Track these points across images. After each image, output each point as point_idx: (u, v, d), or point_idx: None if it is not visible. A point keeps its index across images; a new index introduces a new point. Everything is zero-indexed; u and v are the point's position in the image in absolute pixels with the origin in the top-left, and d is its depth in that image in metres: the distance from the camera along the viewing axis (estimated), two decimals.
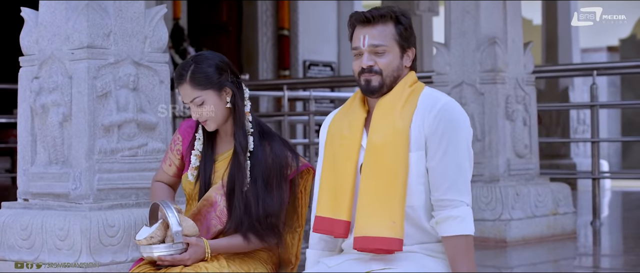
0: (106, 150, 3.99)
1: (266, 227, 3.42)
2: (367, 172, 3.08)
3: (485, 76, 6.66)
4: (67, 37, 4.01)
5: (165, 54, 4.21)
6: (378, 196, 3.04)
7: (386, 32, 3.12)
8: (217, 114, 3.44)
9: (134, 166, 4.07)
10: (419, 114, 3.08)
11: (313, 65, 14.26)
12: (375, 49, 3.11)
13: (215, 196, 3.48)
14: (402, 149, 3.05)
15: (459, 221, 3.04)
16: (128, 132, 4.05)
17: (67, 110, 3.99)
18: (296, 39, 13.99)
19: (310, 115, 10.23)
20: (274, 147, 3.48)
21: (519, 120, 6.73)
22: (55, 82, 4.02)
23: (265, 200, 3.42)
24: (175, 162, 3.62)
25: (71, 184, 3.98)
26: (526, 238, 6.53)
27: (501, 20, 6.71)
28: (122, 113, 4.03)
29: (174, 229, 3.28)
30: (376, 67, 3.11)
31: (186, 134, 3.60)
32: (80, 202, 3.95)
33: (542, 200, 6.69)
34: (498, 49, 6.61)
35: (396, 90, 3.13)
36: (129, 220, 3.92)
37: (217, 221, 3.47)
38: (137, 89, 4.08)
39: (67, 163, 4.02)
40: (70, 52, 4.00)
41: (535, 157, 6.85)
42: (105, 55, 4.00)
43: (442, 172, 3.05)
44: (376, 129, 3.10)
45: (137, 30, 4.11)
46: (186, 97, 3.44)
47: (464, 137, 3.09)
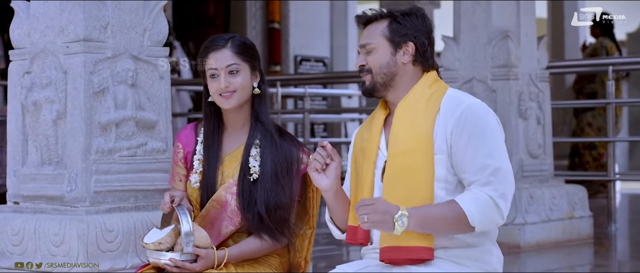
0: (103, 150, 3.97)
1: (276, 221, 3.43)
2: (390, 179, 3.09)
3: (497, 72, 6.66)
4: (62, 29, 3.99)
5: (165, 48, 4.20)
6: (403, 202, 3.03)
7: (376, 30, 3.17)
8: (245, 90, 3.47)
9: (132, 167, 4.05)
10: (441, 117, 3.09)
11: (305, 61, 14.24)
12: (365, 48, 3.18)
13: (225, 195, 3.48)
14: (426, 155, 3.06)
15: (469, 197, 3.00)
16: (126, 131, 4.03)
17: (61, 107, 3.98)
18: (287, 33, 13.96)
19: (305, 113, 10.23)
20: (283, 141, 3.50)
21: (533, 118, 6.73)
22: (49, 78, 4.00)
23: (276, 189, 3.43)
24: (183, 175, 3.60)
25: (66, 186, 3.96)
26: (541, 243, 6.54)
27: (514, 13, 6.71)
28: (120, 110, 4.01)
29: (186, 239, 3.27)
30: (367, 66, 3.18)
31: (187, 140, 3.59)
32: (75, 205, 3.94)
33: (557, 203, 6.69)
34: (511, 43, 6.61)
35: (415, 92, 3.15)
36: (129, 225, 3.91)
37: (229, 222, 3.47)
38: (136, 85, 4.07)
39: (61, 163, 4.00)
40: (65, 46, 3.98)
41: (549, 158, 6.86)
42: (102, 48, 3.99)
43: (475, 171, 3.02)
44: (397, 134, 3.11)
45: (136, 22, 4.10)
46: (223, 61, 3.45)
47: (493, 137, 3.06)
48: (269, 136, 3.49)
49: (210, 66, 3.47)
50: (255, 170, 3.45)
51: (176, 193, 3.43)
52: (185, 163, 3.58)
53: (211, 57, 3.47)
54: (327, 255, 6.49)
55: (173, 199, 3.37)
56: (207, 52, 3.48)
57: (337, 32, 14.35)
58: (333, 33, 14.48)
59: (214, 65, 3.46)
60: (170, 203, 3.37)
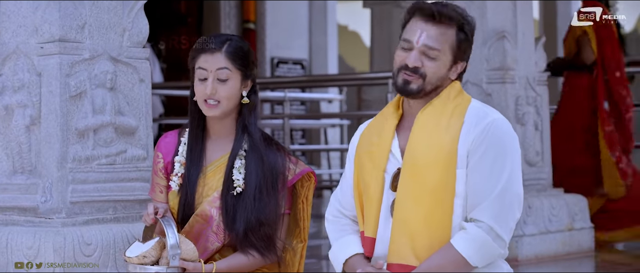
0: (80, 157, 3.95)
1: (260, 238, 3.42)
2: (405, 192, 3.08)
3: (492, 75, 6.65)
4: (36, 28, 3.98)
5: (146, 49, 4.19)
6: (419, 219, 3.04)
7: (446, 36, 3.09)
8: (231, 100, 3.45)
9: (111, 176, 4.04)
10: (465, 130, 3.07)
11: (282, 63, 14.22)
12: (428, 50, 3.09)
13: (210, 210, 3.46)
14: (447, 170, 3.05)
15: (465, 239, 3.03)
16: (105, 138, 4.01)
17: (35, 112, 3.96)
18: (263, 33, 13.94)
19: (285, 118, 10.22)
20: (269, 151, 3.49)
21: (530, 124, 6.73)
22: (21, 80, 3.98)
23: (259, 206, 3.42)
24: (163, 185, 3.57)
25: (40, 197, 3.94)
26: (539, 256, 6.54)
27: (511, 12, 6.70)
28: (99, 116, 3.99)
29: (172, 251, 3.25)
30: (422, 70, 3.10)
31: (168, 149, 3.57)
32: (51, 217, 3.92)
33: (557, 214, 6.70)
34: (507, 44, 6.61)
35: (438, 102, 3.12)
36: (108, 237, 3.90)
37: (215, 238, 3.46)
38: (115, 89, 4.06)
39: (35, 172, 3.97)
40: (39, 46, 3.97)
41: (547, 166, 6.87)
42: (79, 49, 3.98)
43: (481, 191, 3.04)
44: (416, 144, 3.09)
45: (114, 21, 4.09)
46: (214, 64, 3.42)
47: (511, 159, 3.07)
48: (255, 148, 3.47)
49: (199, 66, 3.45)
50: (238, 184, 3.44)
51: (160, 205, 3.41)
52: (165, 174, 3.56)
53: (202, 57, 3.45)
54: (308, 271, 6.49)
55: (157, 211, 3.36)
56: (200, 51, 3.46)
57: (316, 32, 14.33)
58: (312, 33, 14.47)
59: (204, 66, 3.44)
60: (154, 215, 3.35)
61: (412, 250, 3.05)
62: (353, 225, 3.29)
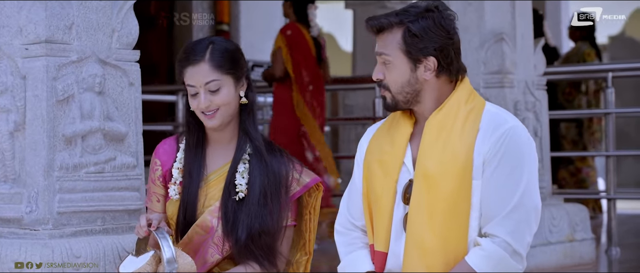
0: (68, 165, 3.96)
1: (260, 247, 3.42)
2: (419, 206, 3.08)
3: (490, 79, 6.67)
4: (20, 29, 3.98)
5: (136, 52, 4.19)
6: (433, 235, 3.05)
7: (391, 40, 3.12)
8: (229, 106, 3.44)
9: (100, 185, 4.04)
10: (480, 138, 3.07)
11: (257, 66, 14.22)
12: (382, 57, 3.14)
13: (211, 220, 3.47)
14: (462, 182, 3.05)
15: (481, 256, 3.03)
16: (93, 144, 4.02)
17: (19, 117, 3.96)
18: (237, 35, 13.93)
19: (265, 125, 10.23)
20: (273, 158, 3.49)
21: (529, 130, 6.74)
22: (4, 84, 3.99)
23: (263, 213, 3.42)
24: (161, 194, 3.58)
25: (25, 207, 3.94)
26: (540, 267, 6.55)
27: (509, 13, 6.72)
28: (87, 121, 4.00)
29: (169, 266, 3.25)
30: (384, 82, 3.14)
31: (167, 156, 3.58)
32: (36, 228, 3.91)
33: (557, 224, 6.73)
34: (505, 47, 6.62)
35: (449, 108, 3.11)
36: (97, 250, 3.90)
37: (215, 250, 3.47)
38: (104, 93, 4.06)
39: (19, 181, 3.97)
40: (24, 48, 3.97)
41: (547, 174, 6.89)
42: (66, 51, 3.98)
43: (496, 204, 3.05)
44: (429, 153, 3.08)
45: (103, 22, 4.10)
46: (201, 78, 3.41)
47: (528, 169, 3.07)
48: (258, 153, 3.48)
49: (188, 83, 3.44)
50: (241, 189, 3.44)
51: (153, 215, 3.41)
52: (163, 183, 3.56)
53: (188, 72, 3.43)
54: None
55: (150, 222, 3.36)
56: (184, 65, 3.45)
57: None
58: None
59: (191, 83, 3.43)
60: (148, 227, 3.35)
61: (427, 268, 3.05)
62: (363, 238, 3.29)
